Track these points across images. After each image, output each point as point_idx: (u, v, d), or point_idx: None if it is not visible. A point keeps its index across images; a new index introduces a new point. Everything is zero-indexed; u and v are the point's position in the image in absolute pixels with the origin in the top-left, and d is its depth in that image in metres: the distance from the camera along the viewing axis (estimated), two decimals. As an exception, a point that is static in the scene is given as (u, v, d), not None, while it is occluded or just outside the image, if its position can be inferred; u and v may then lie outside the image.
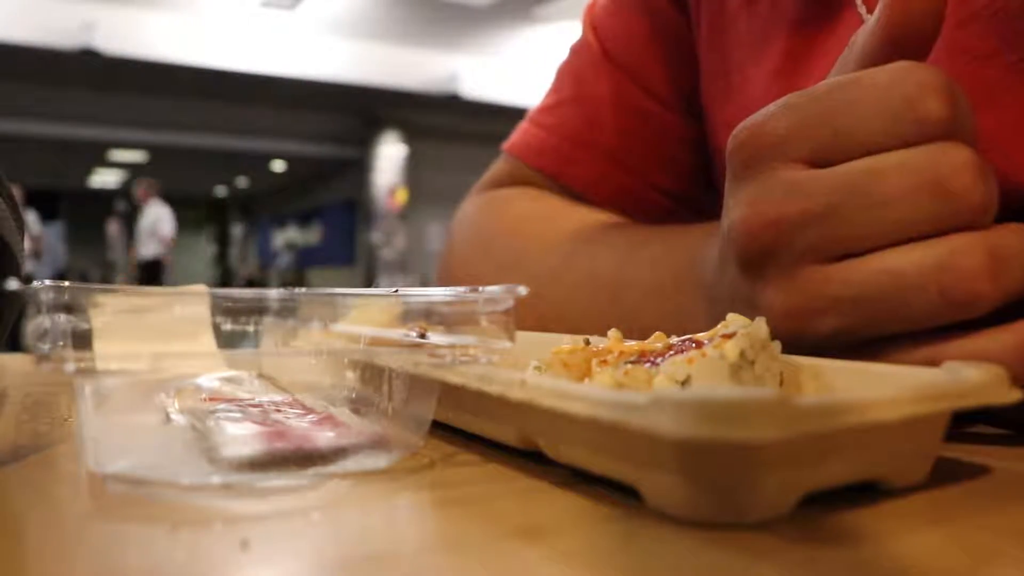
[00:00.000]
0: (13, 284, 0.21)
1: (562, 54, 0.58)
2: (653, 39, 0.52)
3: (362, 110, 8.36)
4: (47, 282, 0.23)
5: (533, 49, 7.29)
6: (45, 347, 0.20)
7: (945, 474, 0.23)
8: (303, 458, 0.23)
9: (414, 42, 7.18)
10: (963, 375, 0.22)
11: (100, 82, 7.26)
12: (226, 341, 0.23)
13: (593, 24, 0.55)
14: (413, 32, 6.99)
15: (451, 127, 8.77)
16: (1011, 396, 0.21)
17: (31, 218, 5.15)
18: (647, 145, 0.53)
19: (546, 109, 0.56)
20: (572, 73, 0.56)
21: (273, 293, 0.23)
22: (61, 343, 0.21)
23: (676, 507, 0.19)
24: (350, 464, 0.23)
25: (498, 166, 0.59)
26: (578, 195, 0.54)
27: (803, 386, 0.26)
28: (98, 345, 0.21)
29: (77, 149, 9.61)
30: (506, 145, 0.58)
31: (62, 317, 0.21)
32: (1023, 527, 0.19)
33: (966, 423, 0.30)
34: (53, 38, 6.10)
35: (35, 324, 0.20)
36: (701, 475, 0.18)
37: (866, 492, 0.21)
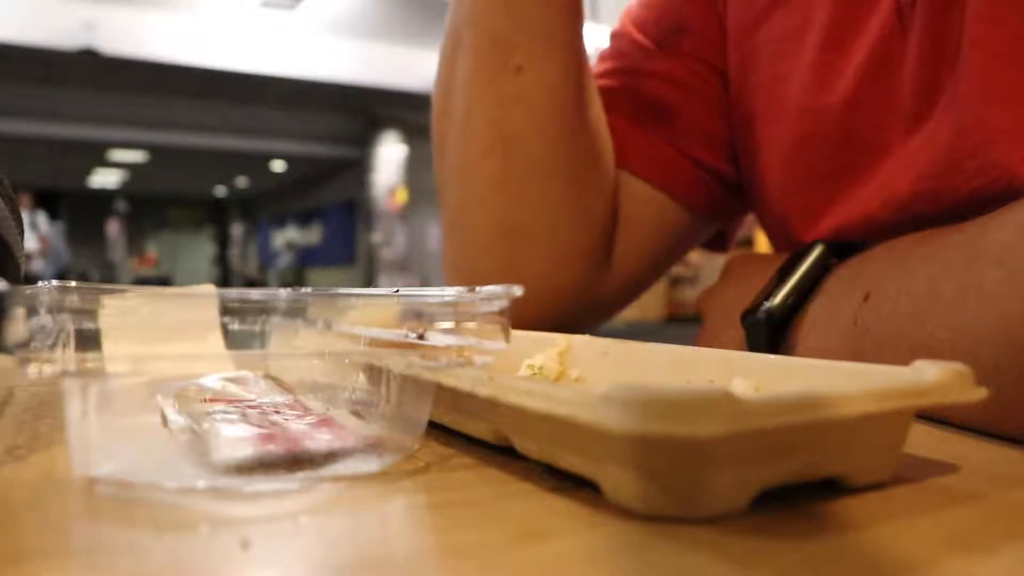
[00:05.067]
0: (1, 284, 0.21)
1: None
2: (689, 18, 0.53)
3: (362, 110, 8.34)
4: (54, 282, 0.23)
5: (533, 49, 7.23)
6: (26, 350, 0.20)
7: (912, 472, 0.22)
8: (292, 462, 0.22)
9: (414, 42, 7.15)
10: (927, 374, 0.21)
11: (100, 82, 7.24)
12: (234, 341, 0.23)
13: (634, 22, 0.56)
14: (413, 32, 6.97)
15: (451, 127, 8.72)
16: (974, 395, 0.21)
17: (41, 219, 5.15)
18: (692, 117, 0.53)
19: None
20: (613, 55, 0.56)
21: (282, 293, 0.23)
22: (51, 344, 0.20)
23: (631, 501, 0.19)
24: (340, 468, 0.22)
25: None
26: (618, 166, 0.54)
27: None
28: (106, 346, 0.21)
29: (77, 149, 9.58)
30: None
31: (66, 317, 0.21)
32: (988, 523, 0.19)
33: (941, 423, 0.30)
34: (53, 38, 6.09)
35: (21, 326, 0.20)
36: (652, 470, 0.18)
37: (830, 489, 0.20)
